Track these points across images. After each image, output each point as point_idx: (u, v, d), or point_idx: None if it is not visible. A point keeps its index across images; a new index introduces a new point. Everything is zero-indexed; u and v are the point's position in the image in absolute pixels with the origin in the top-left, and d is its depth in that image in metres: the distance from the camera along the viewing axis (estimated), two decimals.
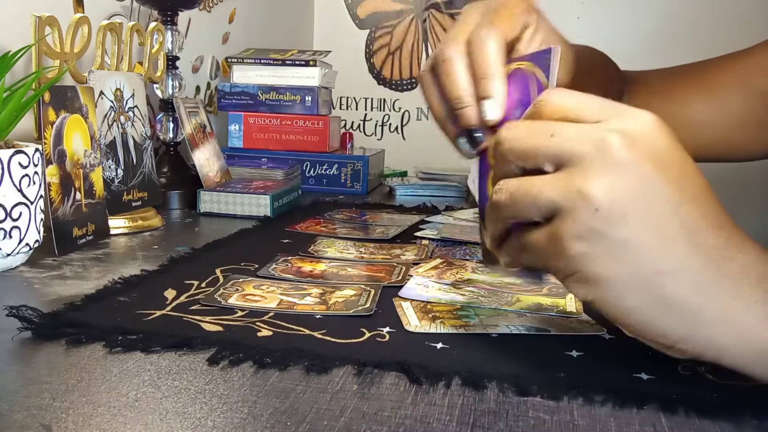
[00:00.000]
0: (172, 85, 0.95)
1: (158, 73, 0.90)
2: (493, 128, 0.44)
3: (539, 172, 0.37)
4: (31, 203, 0.59)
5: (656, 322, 0.35)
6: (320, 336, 0.45)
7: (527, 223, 0.37)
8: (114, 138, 0.77)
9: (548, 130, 0.36)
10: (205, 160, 0.97)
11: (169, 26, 0.93)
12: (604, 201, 0.34)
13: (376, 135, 1.89)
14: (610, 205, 0.34)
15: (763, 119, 0.69)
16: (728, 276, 0.35)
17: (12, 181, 0.57)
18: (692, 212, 0.35)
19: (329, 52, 1.28)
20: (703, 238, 0.35)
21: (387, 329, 0.47)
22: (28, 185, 0.59)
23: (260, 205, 0.87)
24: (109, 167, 0.75)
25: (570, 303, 0.53)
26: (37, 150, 0.60)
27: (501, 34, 0.46)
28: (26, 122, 0.66)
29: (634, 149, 0.34)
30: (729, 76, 0.72)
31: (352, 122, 1.90)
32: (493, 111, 0.44)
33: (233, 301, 0.52)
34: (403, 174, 1.35)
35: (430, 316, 0.50)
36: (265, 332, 0.46)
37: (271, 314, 0.49)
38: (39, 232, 0.61)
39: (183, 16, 0.98)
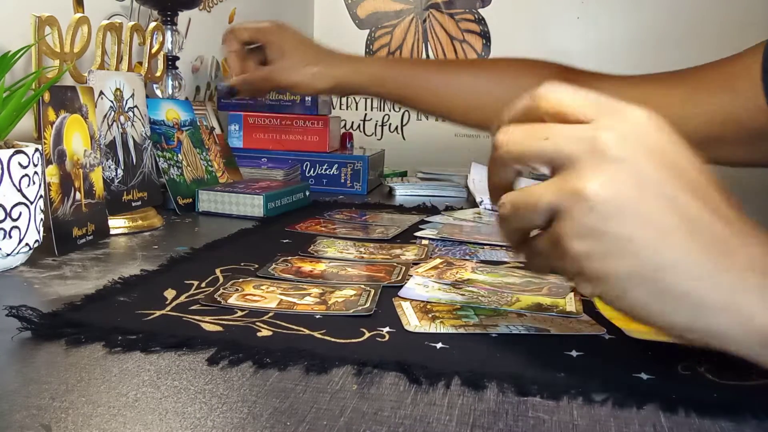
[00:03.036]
0: (172, 85, 0.95)
1: (158, 73, 0.90)
2: None
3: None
4: (31, 203, 0.59)
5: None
6: (320, 336, 0.45)
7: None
8: (114, 138, 0.77)
9: (543, 133, 0.37)
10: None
11: (169, 26, 0.93)
12: (598, 199, 0.35)
13: (376, 135, 1.89)
14: (604, 202, 0.35)
15: (744, 120, 0.69)
16: (731, 267, 0.35)
17: (12, 181, 0.57)
18: (689, 204, 0.35)
19: None
20: (703, 229, 0.35)
21: (387, 329, 0.47)
22: (28, 185, 0.59)
23: (254, 206, 0.87)
24: (109, 167, 0.75)
25: (570, 303, 0.53)
26: (36, 150, 0.60)
27: None
28: (26, 122, 0.66)
29: (626, 146, 0.35)
30: (713, 78, 0.72)
31: (352, 122, 1.90)
32: None
33: (233, 301, 0.52)
34: (403, 174, 1.35)
35: (430, 316, 0.50)
36: (264, 332, 0.46)
37: (270, 314, 0.49)
38: (39, 232, 0.61)
39: (183, 16, 0.98)
